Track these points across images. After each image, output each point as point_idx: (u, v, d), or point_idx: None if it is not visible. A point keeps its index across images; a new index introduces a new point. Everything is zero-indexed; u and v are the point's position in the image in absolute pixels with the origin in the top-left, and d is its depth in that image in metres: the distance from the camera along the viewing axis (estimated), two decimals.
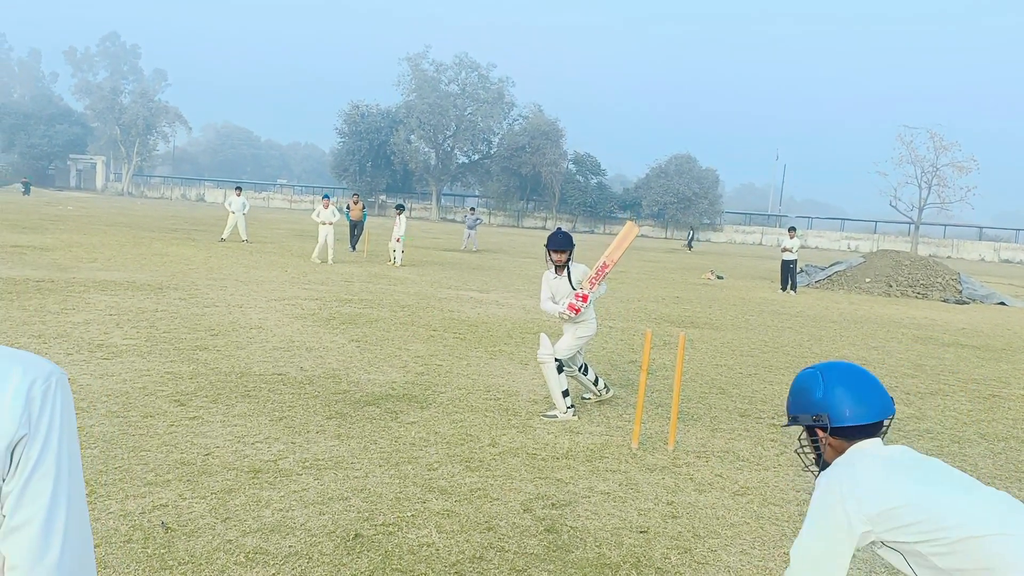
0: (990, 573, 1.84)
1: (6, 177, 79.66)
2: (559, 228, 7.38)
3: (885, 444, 2.16)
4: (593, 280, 6.77)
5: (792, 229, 21.92)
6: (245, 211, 24.54)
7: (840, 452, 2.18)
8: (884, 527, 1.94)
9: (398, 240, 20.75)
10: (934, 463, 2.07)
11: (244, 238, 24.45)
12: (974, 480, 2.02)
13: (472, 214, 32.16)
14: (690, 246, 47.96)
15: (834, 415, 2.16)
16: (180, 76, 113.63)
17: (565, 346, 6.82)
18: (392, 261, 20.98)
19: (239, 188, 26.04)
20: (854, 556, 3.31)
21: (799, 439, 2.33)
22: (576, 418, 6.59)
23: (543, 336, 6.92)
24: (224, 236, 24.30)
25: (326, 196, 21.33)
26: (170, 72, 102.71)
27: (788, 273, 21.37)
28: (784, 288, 21.41)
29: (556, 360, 6.67)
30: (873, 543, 2.01)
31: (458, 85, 77.49)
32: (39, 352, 7.40)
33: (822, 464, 2.24)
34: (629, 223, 7.20)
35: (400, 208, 22.30)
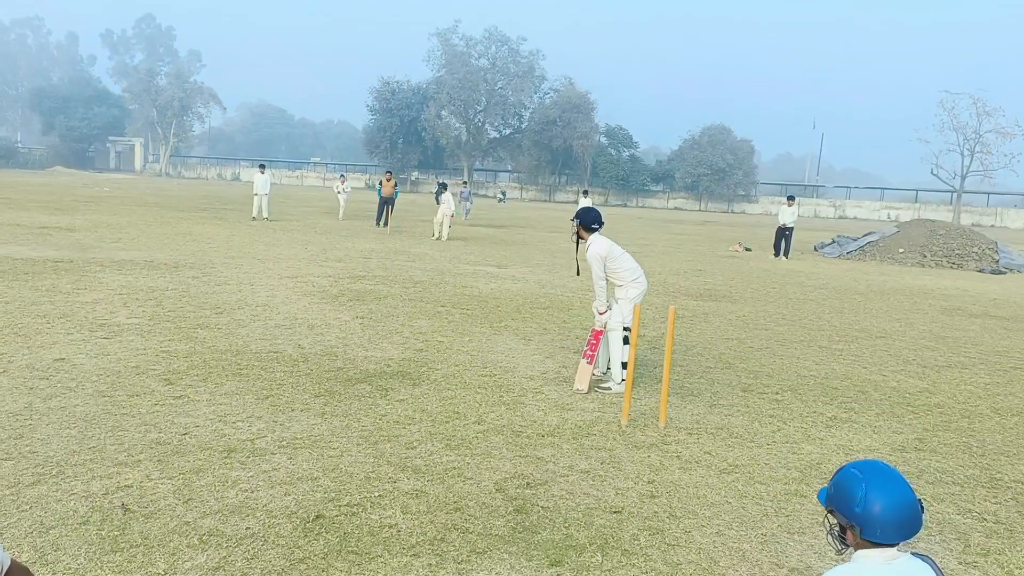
0: None
1: (48, 160, 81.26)
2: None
3: (901, 551, 2.39)
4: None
5: (791, 198, 22.91)
6: (267, 191, 24.97)
7: (858, 547, 2.41)
8: None
9: (452, 215, 21.90)
10: None
11: (265, 215, 24.75)
12: None
13: (465, 187, 34.57)
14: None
15: (865, 531, 2.36)
16: (214, 56, 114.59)
17: (625, 312, 6.75)
18: (438, 236, 21.55)
19: (262, 166, 26.26)
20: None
21: (827, 520, 2.53)
22: (621, 389, 6.42)
23: (613, 305, 6.85)
24: (254, 215, 24.82)
25: (341, 175, 22.61)
26: (204, 52, 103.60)
27: (782, 239, 22.34)
28: (777, 254, 22.24)
29: (625, 329, 6.61)
30: None
31: (488, 59, 76.88)
32: (38, 332, 7.46)
33: (843, 542, 2.49)
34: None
35: (444, 187, 22.96)
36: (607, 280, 6.85)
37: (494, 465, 4.81)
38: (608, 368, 6.89)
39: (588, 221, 6.90)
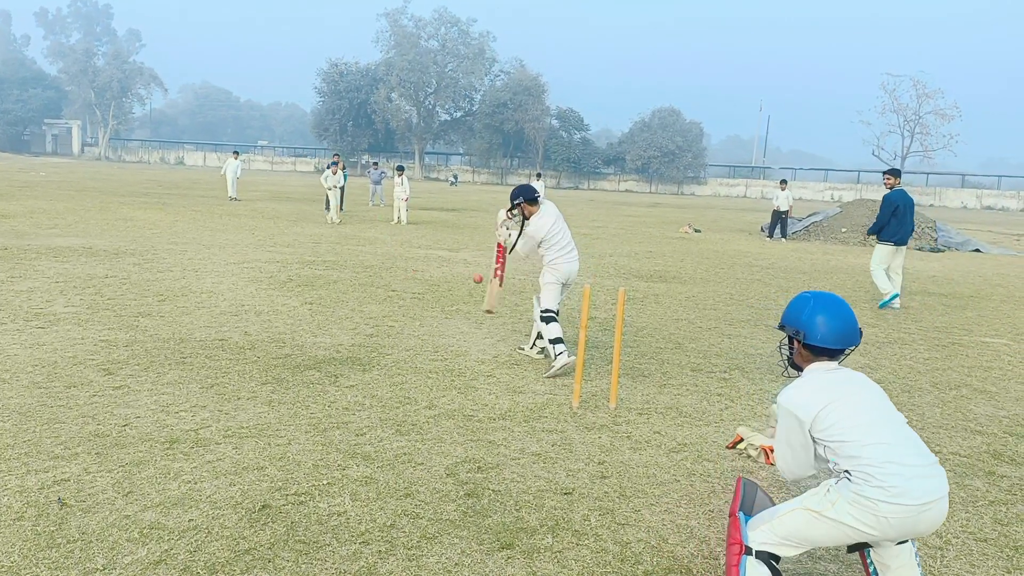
0: (860, 461, 2.74)
1: None
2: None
3: (842, 365, 2.98)
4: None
5: (783, 182, 23.58)
6: (238, 174, 27.71)
7: (806, 361, 2.96)
8: (813, 427, 2.85)
9: (405, 200, 21.46)
10: (858, 390, 2.86)
11: (233, 195, 27.25)
12: (883, 411, 2.85)
13: (376, 169, 31.40)
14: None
15: (808, 335, 2.90)
16: (154, 36, 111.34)
17: (545, 297, 6.72)
18: (397, 220, 21.43)
19: (236, 152, 29.60)
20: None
21: (781, 342, 3.11)
22: (572, 359, 6.39)
23: (535, 297, 6.86)
24: (231, 196, 27.27)
25: (333, 162, 22.20)
26: (144, 32, 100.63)
27: (777, 222, 23.00)
28: (771, 235, 23.05)
29: (548, 311, 6.63)
30: (812, 433, 2.87)
31: (438, 41, 76.25)
32: None
33: (792, 363, 3.07)
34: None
35: (400, 169, 22.86)
36: (540, 253, 6.79)
37: (445, 450, 4.77)
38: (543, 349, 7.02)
39: (529, 194, 6.77)
